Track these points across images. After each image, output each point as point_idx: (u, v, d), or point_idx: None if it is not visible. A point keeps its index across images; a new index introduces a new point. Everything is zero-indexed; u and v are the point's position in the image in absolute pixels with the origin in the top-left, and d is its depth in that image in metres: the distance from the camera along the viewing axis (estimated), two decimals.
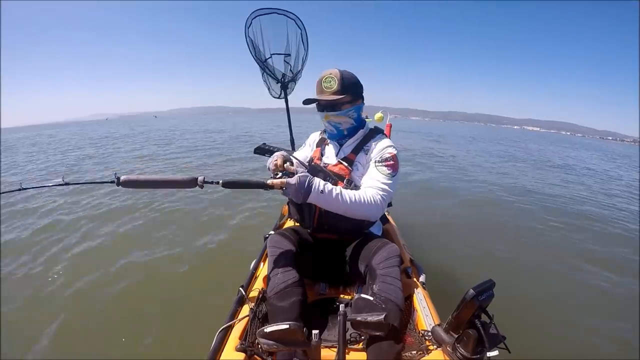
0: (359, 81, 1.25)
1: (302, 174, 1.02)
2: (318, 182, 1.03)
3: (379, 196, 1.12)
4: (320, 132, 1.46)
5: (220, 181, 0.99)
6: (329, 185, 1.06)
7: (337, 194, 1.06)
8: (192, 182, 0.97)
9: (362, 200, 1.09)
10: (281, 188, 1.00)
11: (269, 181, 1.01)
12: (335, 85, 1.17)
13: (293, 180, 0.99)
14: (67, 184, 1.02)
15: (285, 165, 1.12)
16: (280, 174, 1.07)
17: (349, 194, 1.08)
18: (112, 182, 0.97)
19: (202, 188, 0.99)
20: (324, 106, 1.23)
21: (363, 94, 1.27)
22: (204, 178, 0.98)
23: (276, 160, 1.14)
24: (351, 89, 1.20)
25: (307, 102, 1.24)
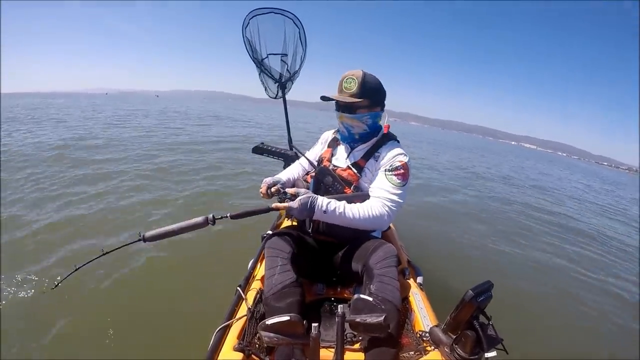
0: (382, 88, 1.21)
1: (303, 196, 1.06)
2: (320, 203, 1.06)
3: (387, 207, 1.12)
4: (333, 131, 1.43)
5: (228, 214, 1.08)
6: (332, 204, 1.08)
7: (340, 212, 1.08)
8: (204, 223, 1.06)
9: (367, 214, 1.10)
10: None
11: (273, 205, 1.09)
12: (354, 88, 1.15)
13: (295, 204, 1.05)
14: (105, 253, 1.08)
15: (273, 189, 1.20)
16: (283, 198, 1.16)
17: (352, 211, 1.09)
18: (139, 240, 1.07)
19: (214, 225, 1.07)
20: (341, 107, 1.20)
21: (384, 102, 1.24)
22: (213, 215, 1.06)
23: (261, 189, 1.23)
24: (371, 94, 1.17)
25: (323, 99, 1.21)
